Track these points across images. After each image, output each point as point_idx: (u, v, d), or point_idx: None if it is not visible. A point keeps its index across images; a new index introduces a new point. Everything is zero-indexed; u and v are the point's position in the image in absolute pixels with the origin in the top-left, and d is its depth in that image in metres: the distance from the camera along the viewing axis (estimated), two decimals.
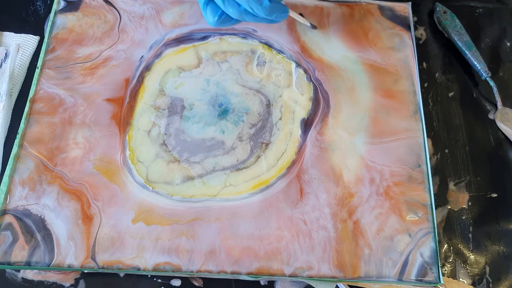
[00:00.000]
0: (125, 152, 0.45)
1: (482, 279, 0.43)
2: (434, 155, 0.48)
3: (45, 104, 0.47)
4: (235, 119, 0.47)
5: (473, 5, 0.56)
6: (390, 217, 0.42)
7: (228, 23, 0.44)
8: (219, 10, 0.43)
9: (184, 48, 0.50)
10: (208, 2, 0.43)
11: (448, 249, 0.44)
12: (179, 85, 0.48)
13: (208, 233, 0.41)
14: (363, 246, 0.41)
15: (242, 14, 0.42)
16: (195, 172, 0.44)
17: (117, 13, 0.52)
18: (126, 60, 0.49)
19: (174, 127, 0.46)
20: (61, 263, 0.40)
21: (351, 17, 0.52)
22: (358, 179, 0.44)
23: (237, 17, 0.42)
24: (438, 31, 0.55)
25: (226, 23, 0.44)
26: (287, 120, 0.47)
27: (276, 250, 0.41)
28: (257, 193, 0.43)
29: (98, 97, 0.47)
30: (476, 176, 0.47)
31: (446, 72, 0.52)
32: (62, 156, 0.44)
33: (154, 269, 0.40)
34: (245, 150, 0.45)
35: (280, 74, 0.49)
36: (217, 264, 0.40)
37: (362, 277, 0.40)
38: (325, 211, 0.43)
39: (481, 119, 0.50)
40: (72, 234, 0.41)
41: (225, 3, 0.41)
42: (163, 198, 0.43)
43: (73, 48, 0.49)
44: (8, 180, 0.43)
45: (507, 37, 0.54)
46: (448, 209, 0.45)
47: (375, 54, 0.50)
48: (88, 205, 0.42)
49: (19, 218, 0.41)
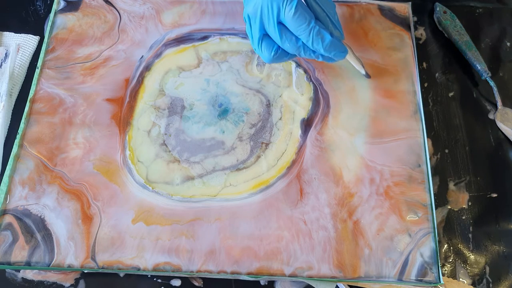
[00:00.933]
0: (125, 152, 0.45)
1: (482, 279, 0.43)
2: (434, 155, 0.48)
3: (45, 104, 0.47)
4: (235, 119, 0.47)
5: (473, 5, 0.56)
6: (390, 217, 0.42)
7: (284, 59, 0.42)
8: (275, 46, 0.41)
9: (184, 48, 0.50)
10: (263, 37, 0.41)
11: (448, 249, 0.44)
12: (179, 85, 0.48)
13: (208, 233, 0.41)
14: (363, 246, 0.41)
15: (300, 49, 0.40)
16: (195, 172, 0.44)
17: (117, 13, 0.52)
18: (126, 60, 0.49)
19: (174, 127, 0.46)
20: (61, 263, 0.40)
21: (351, 17, 0.52)
22: (358, 179, 0.44)
23: (294, 52, 0.41)
24: (438, 31, 0.55)
25: (282, 58, 0.42)
26: (287, 120, 0.47)
27: (276, 250, 0.41)
28: (257, 193, 0.43)
29: (98, 97, 0.47)
30: (476, 176, 0.47)
31: (446, 72, 0.52)
32: (62, 156, 0.44)
33: (154, 269, 0.40)
34: (245, 150, 0.45)
35: (280, 74, 0.49)
36: (217, 264, 0.40)
37: (362, 277, 0.40)
38: (325, 211, 0.43)
39: (481, 119, 0.50)
40: (72, 234, 0.41)
41: (283, 38, 0.40)
42: (163, 198, 0.43)
43: (73, 48, 0.49)
44: (8, 180, 0.43)
45: (507, 37, 0.54)
46: (448, 209, 0.45)
47: (375, 54, 0.50)
48: (88, 205, 0.42)
49: (19, 218, 0.42)
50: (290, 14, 0.38)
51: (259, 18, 0.40)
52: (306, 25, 0.39)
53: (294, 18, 0.38)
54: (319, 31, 0.39)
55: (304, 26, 0.39)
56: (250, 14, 0.40)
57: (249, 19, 0.41)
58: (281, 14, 0.39)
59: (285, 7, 0.38)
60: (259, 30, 0.40)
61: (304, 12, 0.38)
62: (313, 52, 0.41)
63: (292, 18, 0.38)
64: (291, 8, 0.38)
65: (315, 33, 0.39)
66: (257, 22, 0.40)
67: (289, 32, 0.40)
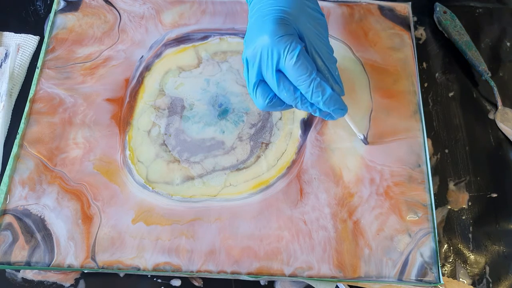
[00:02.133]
0: (125, 152, 0.45)
1: (482, 279, 0.43)
2: (434, 155, 0.48)
3: (45, 104, 0.47)
4: (235, 119, 0.47)
5: (473, 5, 0.56)
6: (390, 217, 0.42)
7: (278, 108, 0.39)
8: (271, 93, 0.38)
9: (184, 48, 0.50)
10: (259, 83, 0.38)
11: (448, 249, 0.44)
12: (179, 85, 0.48)
13: (208, 233, 0.41)
14: (363, 246, 0.41)
15: (297, 100, 0.37)
16: (195, 172, 0.44)
17: (117, 13, 0.52)
18: (126, 60, 0.49)
19: (174, 127, 0.46)
20: (61, 263, 0.40)
21: (351, 17, 0.52)
22: (358, 179, 0.44)
23: (291, 102, 0.38)
24: (438, 31, 0.55)
25: (277, 107, 0.39)
26: (287, 120, 0.47)
27: (276, 250, 0.41)
28: (257, 193, 0.43)
29: (98, 97, 0.47)
30: (476, 176, 0.47)
31: (446, 72, 0.52)
32: (62, 156, 0.44)
33: (154, 269, 0.40)
34: (245, 150, 0.45)
35: None
36: (217, 264, 0.40)
37: (362, 277, 0.40)
38: (325, 211, 0.43)
39: (481, 119, 0.50)
40: (72, 234, 0.41)
41: (280, 86, 0.37)
42: (163, 198, 0.43)
43: (73, 48, 0.49)
44: (8, 180, 0.43)
45: (507, 37, 0.54)
46: (448, 209, 0.45)
47: (375, 54, 0.50)
48: (88, 205, 0.42)
49: (19, 218, 0.42)
50: (291, 62, 0.35)
51: (257, 63, 0.37)
52: (307, 75, 0.36)
53: (295, 67, 0.35)
54: (320, 83, 0.36)
55: (305, 76, 0.36)
56: (248, 57, 0.38)
57: (247, 62, 0.38)
58: (281, 61, 0.36)
59: (286, 55, 0.35)
60: (256, 75, 0.38)
61: (306, 62, 0.36)
62: (310, 105, 0.38)
63: (293, 67, 0.35)
64: (293, 56, 0.35)
65: (316, 85, 0.36)
66: (255, 67, 0.37)
67: (288, 81, 0.37)
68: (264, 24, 0.37)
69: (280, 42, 0.35)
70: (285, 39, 0.36)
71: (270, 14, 0.37)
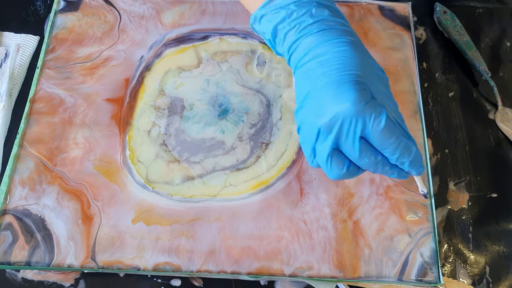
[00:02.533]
0: (125, 152, 0.45)
1: (482, 279, 0.43)
2: (434, 155, 0.48)
3: (45, 104, 0.47)
4: (235, 119, 0.47)
5: (473, 5, 0.56)
6: (390, 217, 0.42)
7: (354, 176, 0.37)
8: (346, 162, 0.36)
9: (184, 48, 0.50)
10: (333, 153, 0.35)
11: (448, 249, 0.44)
12: (179, 85, 0.48)
13: (208, 233, 0.41)
14: (363, 246, 0.41)
15: (378, 164, 0.35)
16: (195, 172, 0.44)
17: (117, 13, 0.52)
18: (126, 60, 0.49)
19: (174, 127, 0.46)
20: (61, 263, 0.40)
21: (351, 17, 0.52)
22: (358, 179, 0.44)
23: (370, 167, 0.36)
24: (438, 31, 0.55)
25: (353, 175, 0.37)
26: (287, 120, 0.47)
27: (276, 250, 0.41)
28: (257, 193, 0.43)
29: (98, 97, 0.47)
30: (476, 176, 0.47)
31: (446, 72, 0.52)
32: (62, 156, 0.44)
33: (154, 269, 0.40)
34: (245, 150, 0.45)
35: (280, 74, 0.49)
36: (217, 264, 0.40)
37: (362, 277, 0.40)
38: (325, 211, 0.43)
39: (481, 119, 0.50)
40: (72, 234, 0.41)
41: (362, 154, 0.35)
42: (163, 198, 0.43)
43: (73, 48, 0.49)
44: (8, 180, 0.43)
45: (507, 37, 0.54)
46: (448, 209, 0.45)
47: (375, 54, 0.50)
48: (88, 205, 0.42)
49: (19, 218, 0.42)
50: (378, 128, 0.34)
51: (335, 132, 0.34)
52: (395, 138, 0.34)
53: (383, 132, 0.34)
54: (407, 144, 0.35)
55: (393, 139, 0.34)
56: (323, 127, 0.35)
57: (318, 133, 0.35)
58: (367, 128, 0.34)
59: (372, 121, 0.34)
60: (331, 145, 0.35)
61: (392, 125, 0.34)
62: (390, 168, 0.36)
63: (381, 132, 0.34)
64: (380, 121, 0.33)
65: (403, 146, 0.34)
66: (331, 136, 0.35)
67: (370, 147, 0.35)
68: (340, 91, 0.34)
69: (365, 109, 0.33)
70: (369, 106, 0.34)
71: (346, 80, 0.34)
